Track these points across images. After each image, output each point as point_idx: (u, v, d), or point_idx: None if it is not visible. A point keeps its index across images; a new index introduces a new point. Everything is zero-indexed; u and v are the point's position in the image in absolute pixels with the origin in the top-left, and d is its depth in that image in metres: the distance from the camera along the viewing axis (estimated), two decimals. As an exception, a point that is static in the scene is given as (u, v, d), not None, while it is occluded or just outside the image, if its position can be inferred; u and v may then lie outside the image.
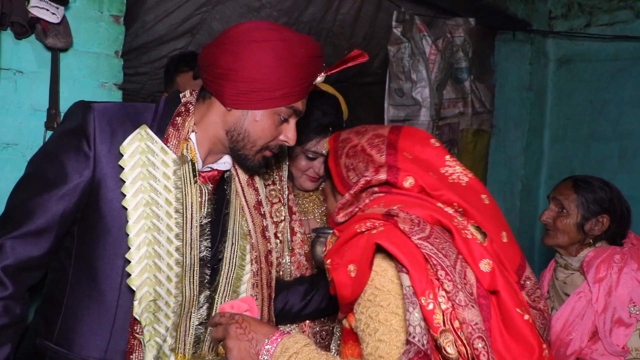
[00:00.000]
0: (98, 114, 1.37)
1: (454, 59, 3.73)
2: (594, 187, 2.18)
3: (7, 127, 1.80)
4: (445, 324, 1.12)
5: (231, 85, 1.38)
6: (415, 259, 1.16)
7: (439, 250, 1.17)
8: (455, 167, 1.38)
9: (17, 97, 1.82)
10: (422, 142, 1.40)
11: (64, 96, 1.89)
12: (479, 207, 1.32)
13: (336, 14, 3.62)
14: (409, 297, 1.14)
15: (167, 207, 1.40)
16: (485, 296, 1.19)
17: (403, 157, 1.36)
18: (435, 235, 1.20)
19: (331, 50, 3.93)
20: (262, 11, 3.34)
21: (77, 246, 1.39)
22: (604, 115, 4.07)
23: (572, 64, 4.20)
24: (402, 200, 1.30)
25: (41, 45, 1.84)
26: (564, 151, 4.27)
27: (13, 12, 1.74)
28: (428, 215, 1.25)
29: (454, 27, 3.70)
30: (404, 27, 3.44)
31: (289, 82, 1.40)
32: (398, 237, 1.18)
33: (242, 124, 1.43)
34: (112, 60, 2.02)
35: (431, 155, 1.39)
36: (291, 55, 1.38)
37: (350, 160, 1.40)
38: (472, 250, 1.21)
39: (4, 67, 1.78)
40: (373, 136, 1.42)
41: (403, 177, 1.32)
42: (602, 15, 4.02)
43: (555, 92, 4.30)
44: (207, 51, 1.43)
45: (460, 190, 1.33)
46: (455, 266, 1.18)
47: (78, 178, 1.35)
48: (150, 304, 1.37)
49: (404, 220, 1.21)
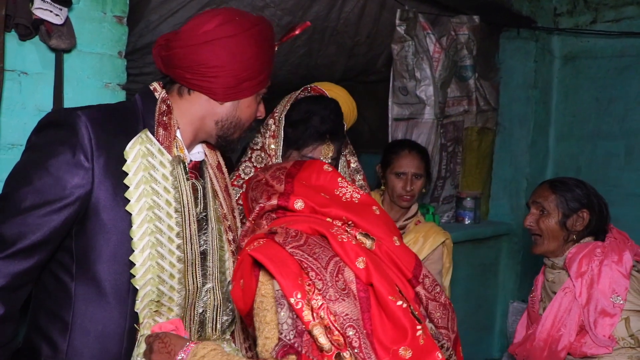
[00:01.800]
0: (90, 124, 1.33)
1: (458, 56, 3.73)
2: (570, 186, 2.27)
3: (12, 128, 1.80)
4: (315, 319, 1.27)
5: (222, 81, 1.43)
6: (285, 265, 1.30)
7: (309, 255, 1.33)
8: (347, 187, 1.55)
9: (21, 98, 1.82)
10: (317, 172, 1.57)
11: (68, 97, 1.89)
12: (368, 218, 1.48)
13: (340, 13, 3.62)
14: (277, 298, 1.28)
15: (168, 208, 1.41)
16: (365, 290, 1.35)
17: (299, 184, 1.51)
18: (309, 243, 1.36)
19: (335, 48, 3.93)
20: (266, 10, 3.34)
21: (78, 260, 1.36)
22: (610, 113, 4.05)
23: (577, 61, 4.18)
24: (290, 219, 1.45)
25: (45, 47, 1.84)
26: (569, 149, 4.25)
27: (17, 14, 1.75)
28: (308, 227, 1.41)
29: (458, 25, 3.70)
30: (407, 26, 3.43)
31: (266, 64, 1.50)
32: (272, 248, 1.34)
33: (235, 112, 1.50)
34: (115, 60, 2.02)
35: (325, 181, 1.55)
36: (264, 41, 1.48)
37: (253, 192, 1.57)
38: (347, 250, 1.37)
39: (9, 68, 1.79)
40: (275, 170, 1.59)
41: (293, 200, 1.47)
42: (608, 12, 4.00)
43: (561, 90, 4.28)
44: (185, 51, 1.42)
45: (352, 207, 1.49)
46: (327, 267, 1.33)
47: (77, 192, 1.32)
48: (152, 303, 1.40)
49: (280, 234, 1.37)
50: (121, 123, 1.40)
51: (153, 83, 1.51)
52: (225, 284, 1.58)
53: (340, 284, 1.33)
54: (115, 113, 1.42)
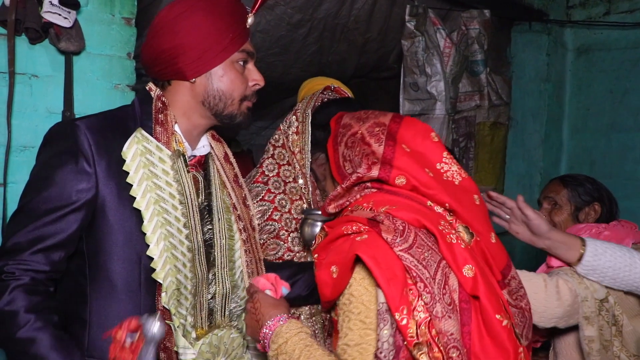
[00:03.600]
0: (89, 131, 1.40)
1: (469, 51, 3.70)
2: (580, 180, 2.31)
3: (23, 130, 1.84)
4: (419, 337, 1.19)
5: (184, 59, 1.46)
6: (393, 273, 1.20)
7: (419, 262, 1.23)
8: (452, 165, 1.41)
9: (32, 100, 1.86)
10: (422, 135, 1.42)
11: (78, 98, 1.93)
12: (469, 208, 1.37)
13: (350, 9, 3.62)
14: (381, 313, 1.21)
15: (172, 200, 1.46)
16: (467, 300, 1.25)
17: (401, 150, 1.38)
18: (418, 244, 1.25)
19: (346, 45, 3.93)
20: (276, 8, 3.35)
21: (90, 261, 1.42)
22: (625, 105, 4.00)
23: (591, 54, 4.14)
24: (391, 200, 1.33)
25: (55, 49, 1.87)
26: (584, 142, 4.21)
27: (27, 18, 1.78)
28: (415, 219, 1.29)
29: (468, 20, 3.67)
30: (417, 21, 3.42)
31: (228, 29, 1.49)
32: (379, 248, 1.23)
33: (212, 85, 1.51)
34: (124, 62, 2.05)
35: (429, 149, 1.41)
36: (216, 7, 1.49)
37: (348, 151, 1.44)
38: (455, 255, 1.26)
39: (19, 71, 1.82)
40: (374, 124, 1.44)
41: (395, 175, 1.35)
42: (621, 3, 3.94)
43: (574, 83, 4.23)
44: (147, 49, 1.50)
45: (453, 189, 1.37)
46: (435, 276, 1.23)
47: (83, 197, 1.38)
48: (175, 292, 1.44)
49: (388, 229, 1.25)
50: (119, 127, 1.45)
51: (149, 83, 1.56)
52: (235, 272, 1.63)
53: (447, 297, 1.23)
54: (112, 118, 1.48)
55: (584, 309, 1.82)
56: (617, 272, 1.77)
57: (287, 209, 1.95)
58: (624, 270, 1.77)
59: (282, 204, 1.95)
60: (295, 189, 1.97)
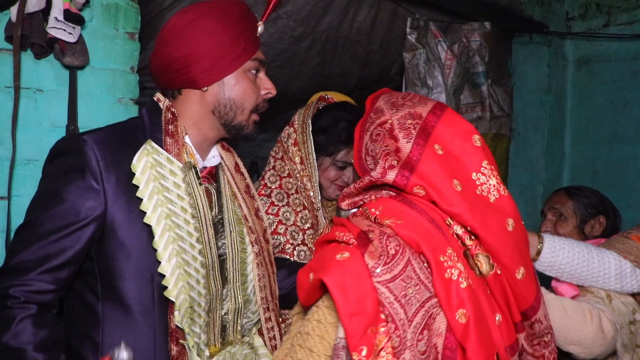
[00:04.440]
0: (96, 146, 1.36)
1: (471, 63, 3.72)
2: (586, 192, 2.28)
3: (28, 144, 1.85)
4: None
5: (196, 67, 1.43)
6: (361, 308, 1.07)
7: (397, 299, 1.08)
8: (490, 178, 1.22)
9: (37, 114, 1.87)
10: (463, 136, 1.24)
11: (82, 112, 1.94)
12: (498, 233, 1.19)
13: (352, 22, 3.65)
14: (338, 348, 1.09)
15: (184, 214, 1.42)
16: (454, 349, 1.10)
17: (431, 151, 1.21)
18: (405, 276, 1.10)
19: (348, 58, 3.96)
20: (278, 22, 3.38)
21: (102, 281, 1.38)
22: (626, 116, 4.01)
23: (591, 65, 4.15)
24: (402, 212, 1.19)
25: (59, 64, 1.89)
26: (585, 153, 4.22)
27: (33, 34, 1.81)
28: (415, 242, 1.13)
29: (469, 32, 3.70)
30: (418, 34, 3.45)
31: (240, 37, 1.46)
32: (355, 274, 1.09)
33: (224, 94, 1.48)
34: (128, 76, 2.07)
35: (468, 155, 1.23)
36: (228, 15, 1.46)
37: (372, 144, 1.29)
38: (450, 295, 1.10)
39: (24, 86, 1.84)
40: (407, 115, 1.26)
41: (413, 185, 1.19)
42: (620, 15, 3.97)
43: (575, 94, 4.25)
44: (155, 58, 1.48)
45: (483, 209, 1.19)
46: (413, 318, 1.09)
47: (91, 214, 1.34)
48: (188, 310, 1.40)
49: (374, 252, 1.11)
50: (128, 141, 1.41)
51: (156, 93, 1.53)
52: (248, 287, 1.58)
53: (422, 344, 1.09)
54: (120, 131, 1.44)
55: (623, 337, 1.78)
56: (574, 267, 1.74)
57: (291, 222, 1.96)
58: (581, 266, 1.74)
59: (286, 216, 1.95)
60: (298, 200, 1.98)
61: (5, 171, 1.80)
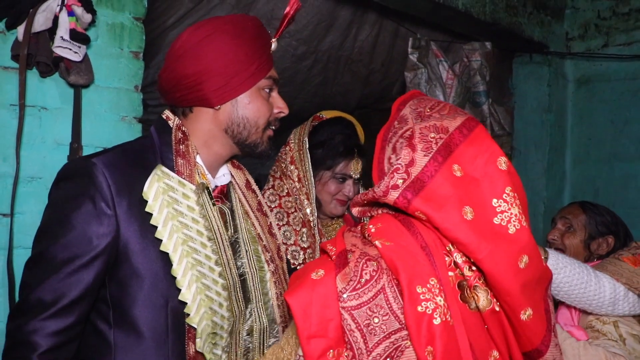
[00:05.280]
0: (107, 169, 1.31)
1: (472, 82, 3.75)
2: (601, 210, 2.25)
3: (31, 161, 1.86)
4: None
5: (209, 85, 1.39)
6: (322, 331, 1.05)
7: (358, 327, 1.05)
8: (512, 207, 1.12)
9: (41, 132, 1.89)
10: (487, 158, 1.15)
11: (86, 130, 1.96)
12: (506, 272, 1.09)
13: (354, 42, 3.69)
14: None
15: (200, 238, 1.38)
16: None
17: (448, 171, 1.13)
18: (373, 304, 1.06)
19: (350, 77, 3.99)
20: (281, 40, 3.39)
21: (114, 307, 1.34)
22: (626, 135, 4.02)
23: (591, 84, 4.18)
24: (397, 233, 1.14)
25: (64, 83, 1.91)
26: (586, 171, 4.22)
27: (39, 53, 1.83)
28: (395, 269, 1.08)
29: (470, 52, 3.73)
30: (420, 53, 3.48)
31: (255, 54, 1.42)
32: (323, 296, 1.08)
33: (237, 113, 1.43)
34: (132, 94, 2.09)
35: (490, 178, 1.13)
36: (243, 32, 1.42)
37: (394, 155, 1.20)
38: (420, 330, 1.04)
39: (29, 104, 1.86)
40: (432, 127, 1.18)
41: (414, 210, 1.13)
42: (619, 35, 4.00)
43: (576, 113, 4.27)
44: (166, 74, 1.43)
45: (496, 240, 1.09)
46: (373, 350, 1.04)
47: (104, 241, 1.29)
48: (210, 335, 1.37)
49: (347, 275, 1.08)
50: (138, 162, 1.37)
51: (165, 111, 1.50)
52: (269, 306, 1.53)
53: None
54: (131, 153, 1.39)
55: None
56: (572, 288, 1.74)
57: (292, 241, 1.96)
58: (578, 288, 1.74)
59: (287, 236, 1.95)
60: (297, 219, 1.99)
61: (8, 188, 1.81)
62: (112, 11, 2.03)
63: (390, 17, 3.59)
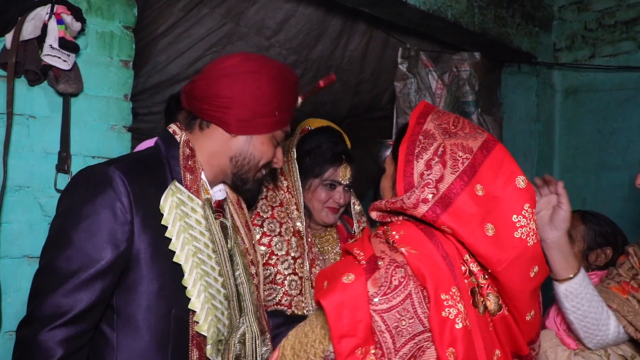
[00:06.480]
0: (127, 178, 1.34)
1: (461, 92, 3.77)
2: (600, 221, 2.23)
3: (19, 170, 1.85)
4: None
5: (235, 113, 1.46)
6: (352, 331, 1.13)
7: (388, 329, 1.14)
8: (530, 222, 1.22)
9: (29, 141, 1.88)
10: (506, 179, 1.24)
11: (75, 139, 1.95)
12: (520, 283, 1.22)
13: (344, 51, 3.70)
14: (327, 358, 1.17)
15: (207, 250, 1.45)
16: None
17: (472, 191, 1.22)
18: (402, 308, 1.15)
19: (340, 86, 4.00)
20: (271, 50, 3.42)
21: (119, 312, 1.36)
22: (613, 144, 4.06)
23: (578, 95, 4.22)
24: (420, 241, 1.22)
25: (53, 91, 1.91)
26: (574, 181, 4.25)
27: (27, 61, 1.82)
28: (422, 276, 1.17)
29: (459, 62, 3.76)
30: (409, 63, 3.50)
31: (283, 106, 1.51)
32: (354, 299, 1.15)
33: (248, 148, 1.51)
34: (121, 103, 2.08)
35: (509, 197, 1.23)
36: (284, 82, 1.50)
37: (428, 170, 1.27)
38: (443, 333, 1.14)
39: (18, 112, 1.85)
40: (460, 146, 1.27)
41: (441, 224, 1.22)
42: (605, 47, 4.05)
43: (563, 123, 4.31)
44: (204, 83, 1.48)
45: (515, 253, 1.20)
46: (400, 349, 1.14)
47: (120, 247, 1.32)
48: (215, 343, 1.43)
49: (377, 280, 1.16)
50: (151, 174, 1.42)
51: (171, 125, 1.54)
52: (258, 316, 1.60)
53: None
54: (144, 164, 1.44)
55: None
56: (586, 312, 1.72)
57: (284, 251, 1.96)
58: (593, 312, 1.73)
59: (278, 247, 1.95)
60: (289, 229, 1.99)
61: (-4, 197, 1.79)
62: (102, 20, 2.03)
63: (380, 27, 3.61)
